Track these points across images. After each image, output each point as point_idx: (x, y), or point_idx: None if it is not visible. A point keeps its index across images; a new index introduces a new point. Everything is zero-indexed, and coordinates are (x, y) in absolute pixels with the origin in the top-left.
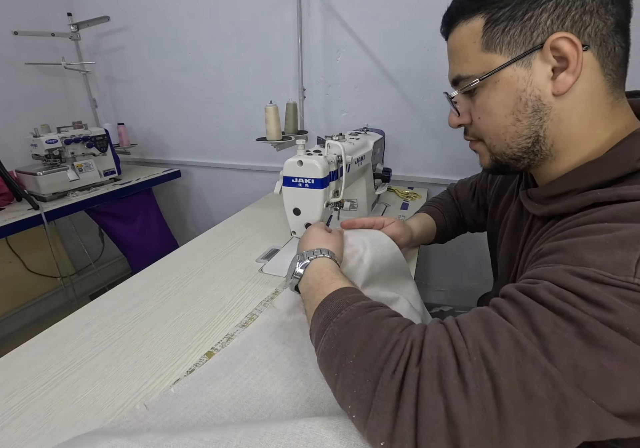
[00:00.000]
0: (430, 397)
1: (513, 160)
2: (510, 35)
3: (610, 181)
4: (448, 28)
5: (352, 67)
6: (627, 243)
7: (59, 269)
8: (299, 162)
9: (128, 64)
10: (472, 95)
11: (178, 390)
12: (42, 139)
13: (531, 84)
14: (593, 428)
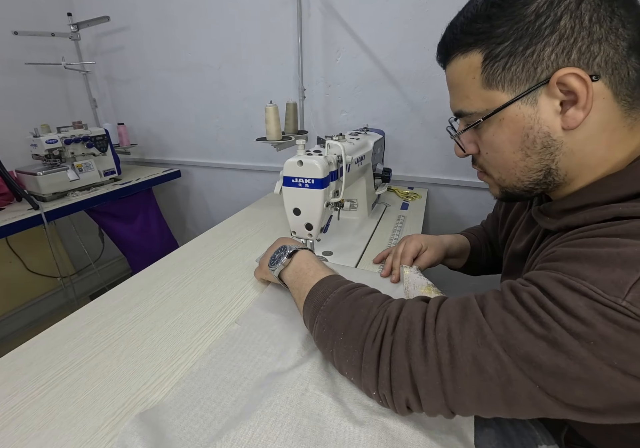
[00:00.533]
0: (399, 358)
1: (525, 192)
2: (512, 72)
3: (630, 196)
4: (444, 59)
5: (352, 67)
6: (629, 263)
7: (59, 269)
8: (299, 162)
9: (128, 63)
10: (478, 129)
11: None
12: (42, 139)
13: (538, 121)
14: (536, 407)
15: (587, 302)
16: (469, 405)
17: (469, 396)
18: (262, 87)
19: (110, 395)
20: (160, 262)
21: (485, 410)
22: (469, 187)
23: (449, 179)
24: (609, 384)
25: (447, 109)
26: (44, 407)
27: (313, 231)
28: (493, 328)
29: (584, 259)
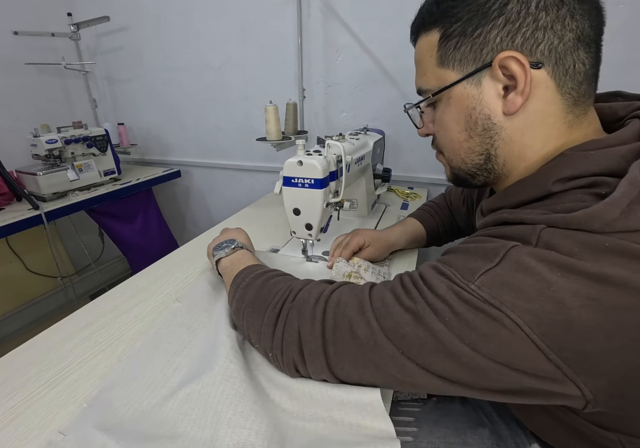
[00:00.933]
0: (291, 320)
1: (469, 175)
2: (461, 52)
3: (527, 201)
4: (414, 38)
5: (352, 67)
6: (488, 256)
7: (59, 269)
8: (299, 162)
9: (128, 64)
10: (434, 108)
11: (91, 403)
12: (42, 139)
13: (480, 102)
14: (399, 370)
15: (447, 283)
16: (348, 369)
17: (347, 359)
18: (262, 87)
19: None
20: (160, 262)
21: (361, 375)
22: None
23: None
24: (465, 360)
25: None
26: (44, 407)
27: (313, 231)
28: (372, 302)
29: (457, 251)
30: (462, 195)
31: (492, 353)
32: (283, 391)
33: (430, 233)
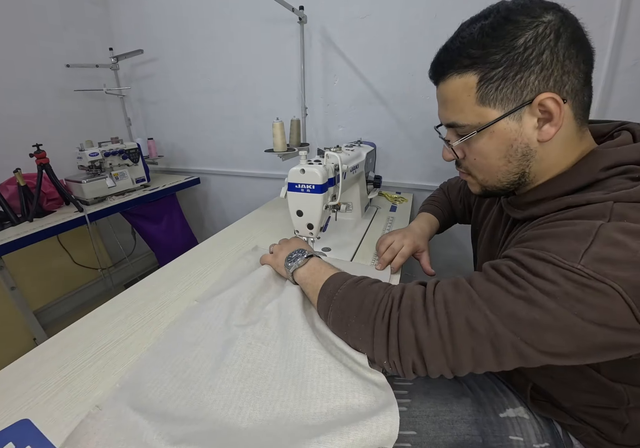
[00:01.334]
0: (405, 328)
1: (501, 190)
2: (503, 93)
3: (577, 189)
4: (439, 77)
5: (347, 89)
6: (581, 237)
7: (99, 262)
8: (302, 170)
9: (157, 88)
10: (468, 139)
11: (123, 384)
12: (86, 153)
13: (521, 134)
14: (518, 356)
15: (552, 267)
16: (466, 363)
17: (466, 354)
18: (270, 106)
19: None
20: (183, 257)
21: (479, 364)
22: None
23: (432, 185)
24: (573, 329)
25: (429, 126)
26: (89, 377)
27: (314, 230)
28: (480, 295)
29: (547, 237)
30: (458, 194)
31: (598, 319)
32: (296, 386)
33: (441, 224)
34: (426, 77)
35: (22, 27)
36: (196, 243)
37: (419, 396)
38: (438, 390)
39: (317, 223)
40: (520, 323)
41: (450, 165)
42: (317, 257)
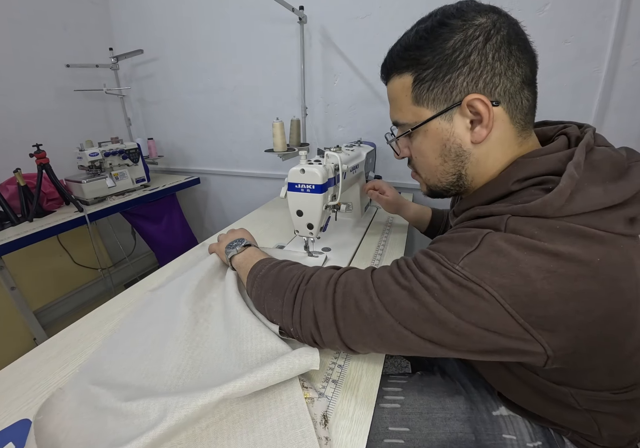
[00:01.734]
0: (307, 300)
1: (444, 191)
2: (434, 93)
3: (492, 200)
4: (385, 77)
5: (347, 89)
6: (468, 242)
7: (99, 262)
8: (302, 170)
9: (157, 88)
10: (410, 137)
11: (82, 368)
12: (86, 153)
13: (453, 134)
14: (400, 339)
15: (436, 265)
16: (355, 338)
17: (354, 330)
18: (270, 106)
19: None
20: (183, 257)
21: (366, 343)
22: None
23: None
24: (448, 325)
25: None
26: (88, 376)
27: (314, 230)
28: (374, 282)
29: (443, 240)
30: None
31: (474, 320)
32: (237, 356)
33: (431, 224)
34: None
35: (22, 27)
36: (196, 243)
37: (412, 393)
38: (431, 388)
39: (317, 223)
40: (402, 311)
41: None
42: (254, 247)
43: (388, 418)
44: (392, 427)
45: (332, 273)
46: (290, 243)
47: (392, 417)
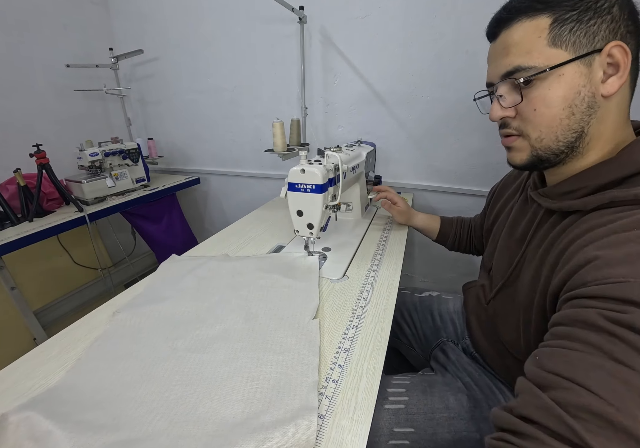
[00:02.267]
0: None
1: (554, 154)
2: (576, 36)
3: (617, 180)
4: (502, 25)
5: (347, 89)
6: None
7: (99, 262)
8: (302, 170)
9: (157, 88)
10: (526, 88)
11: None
12: (86, 152)
13: (590, 81)
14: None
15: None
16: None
17: None
18: (270, 106)
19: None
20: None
21: None
22: (448, 192)
23: (431, 184)
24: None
25: (429, 125)
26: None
27: (314, 230)
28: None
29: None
30: (482, 216)
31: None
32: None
33: (441, 232)
34: (426, 77)
35: (22, 27)
36: (196, 243)
37: (416, 394)
38: (434, 388)
39: (317, 223)
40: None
41: (451, 166)
42: None
43: (393, 420)
44: (397, 428)
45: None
46: (291, 244)
47: (396, 418)
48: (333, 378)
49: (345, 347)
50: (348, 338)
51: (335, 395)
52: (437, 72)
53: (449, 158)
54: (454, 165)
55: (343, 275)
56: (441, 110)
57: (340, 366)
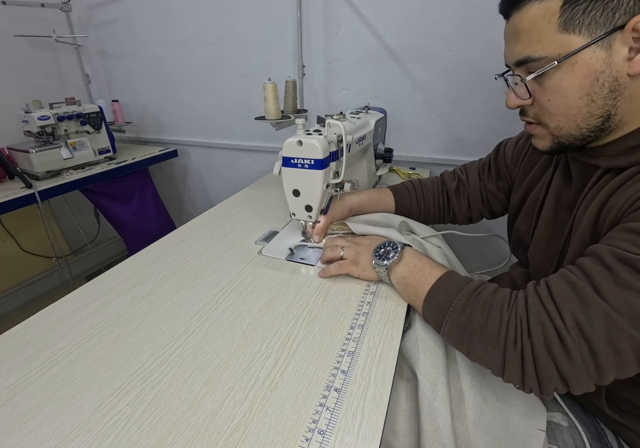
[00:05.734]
0: (544, 361)
1: (578, 140)
2: (591, 16)
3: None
4: (512, 6)
5: (353, 42)
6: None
7: (53, 249)
8: (299, 142)
9: (122, 37)
10: (541, 76)
11: None
12: (34, 115)
13: (610, 65)
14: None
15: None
16: (610, 377)
17: (610, 372)
18: (260, 64)
19: (108, 376)
20: (158, 243)
21: (623, 375)
22: None
23: (452, 158)
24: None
25: (451, 87)
26: (40, 388)
27: (313, 213)
28: (617, 310)
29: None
30: (489, 174)
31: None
32: None
33: (399, 205)
34: (449, 27)
35: None
36: (174, 227)
37: None
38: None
39: (316, 204)
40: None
41: (477, 135)
42: (409, 247)
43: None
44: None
45: (546, 312)
46: (286, 228)
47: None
48: (335, 387)
49: (350, 349)
50: (352, 340)
51: (338, 406)
52: (463, 18)
53: (474, 125)
54: (480, 134)
55: None
56: (466, 66)
57: (343, 372)
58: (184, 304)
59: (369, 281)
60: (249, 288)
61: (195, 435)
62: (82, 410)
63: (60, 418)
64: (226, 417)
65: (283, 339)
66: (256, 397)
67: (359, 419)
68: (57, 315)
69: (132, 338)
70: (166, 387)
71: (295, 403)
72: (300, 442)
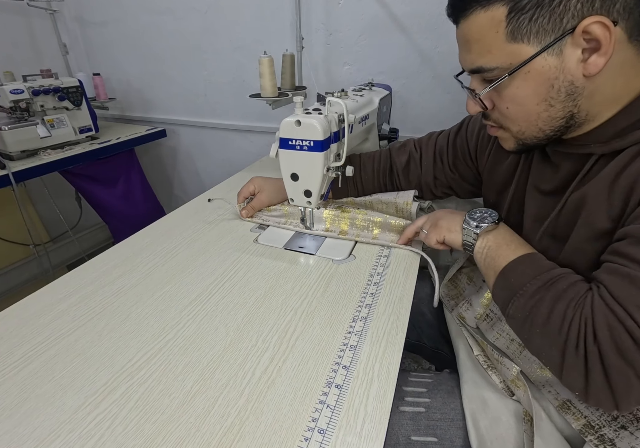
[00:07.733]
0: (620, 370)
1: (543, 140)
2: (538, 24)
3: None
4: (459, 14)
5: (356, 11)
6: None
7: (31, 236)
8: (297, 122)
9: (102, 3)
10: (497, 86)
11: None
12: (6, 88)
13: (563, 71)
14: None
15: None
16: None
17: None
18: (255, 36)
19: (92, 372)
20: (145, 231)
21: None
22: None
23: None
24: None
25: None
26: (17, 385)
27: (312, 198)
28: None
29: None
30: (452, 149)
31: None
32: None
33: (336, 191)
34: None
35: None
36: (163, 213)
37: (440, 395)
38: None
39: (316, 189)
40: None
41: None
42: (507, 227)
43: (410, 425)
44: (415, 437)
45: (614, 315)
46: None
47: (415, 423)
48: (336, 383)
49: (352, 343)
50: (355, 333)
51: (339, 404)
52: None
53: None
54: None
55: (349, 255)
56: None
57: (345, 367)
58: (174, 296)
59: (372, 272)
60: (244, 278)
61: (187, 435)
62: (63, 409)
63: (38, 418)
64: (219, 416)
65: (280, 333)
66: (252, 394)
67: (362, 418)
68: (35, 307)
69: (118, 332)
70: (155, 384)
71: (293, 401)
72: (299, 442)
